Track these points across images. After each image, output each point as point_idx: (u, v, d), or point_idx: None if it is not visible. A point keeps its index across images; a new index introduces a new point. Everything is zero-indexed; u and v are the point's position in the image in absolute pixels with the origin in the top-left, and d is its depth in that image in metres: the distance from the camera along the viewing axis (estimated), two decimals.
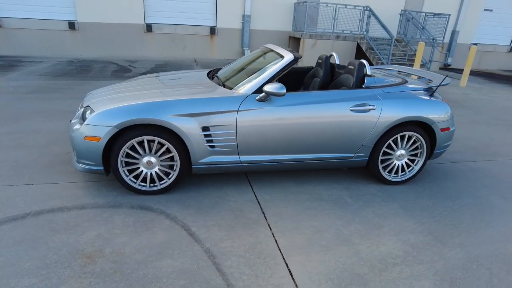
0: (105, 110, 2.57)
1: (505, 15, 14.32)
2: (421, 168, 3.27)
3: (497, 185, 3.45)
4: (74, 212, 2.51)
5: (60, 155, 3.45)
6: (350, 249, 2.32)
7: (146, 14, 10.70)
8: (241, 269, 2.06)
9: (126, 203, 2.68)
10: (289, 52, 3.03)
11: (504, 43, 14.84)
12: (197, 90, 2.86)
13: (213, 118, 2.66)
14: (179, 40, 11.24)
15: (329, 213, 2.74)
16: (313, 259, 2.19)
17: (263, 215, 2.64)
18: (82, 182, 2.96)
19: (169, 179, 2.80)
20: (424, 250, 2.36)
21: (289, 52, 3.01)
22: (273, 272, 2.05)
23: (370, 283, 2.02)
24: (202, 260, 2.11)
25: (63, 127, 4.25)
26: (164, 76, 3.55)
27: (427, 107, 3.05)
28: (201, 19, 11.37)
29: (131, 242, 2.22)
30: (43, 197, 2.68)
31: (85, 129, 2.56)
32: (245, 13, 11.52)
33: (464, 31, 13.93)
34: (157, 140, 2.64)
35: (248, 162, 2.86)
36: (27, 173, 3.05)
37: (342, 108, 2.86)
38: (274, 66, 2.88)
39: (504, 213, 2.93)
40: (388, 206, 2.91)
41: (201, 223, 2.49)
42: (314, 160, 2.99)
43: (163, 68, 8.96)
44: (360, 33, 11.65)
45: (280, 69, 2.84)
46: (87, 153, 2.60)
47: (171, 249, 2.18)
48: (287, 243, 2.33)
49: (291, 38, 12.47)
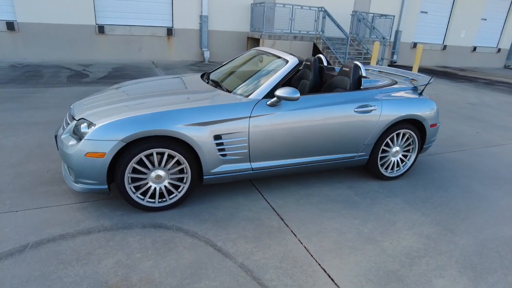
0: (109, 122, 2.33)
1: (438, 17, 15.83)
2: (413, 162, 3.47)
3: (473, 174, 3.79)
4: (81, 239, 2.24)
5: (39, 174, 3.06)
6: (376, 247, 2.38)
7: (97, 14, 9.95)
8: (283, 281, 2.00)
9: (136, 223, 2.46)
10: (291, 55, 3.02)
11: (438, 42, 16.40)
12: (203, 96, 2.72)
13: (225, 125, 2.55)
14: (134, 41, 10.64)
15: (344, 213, 2.78)
16: (346, 262, 2.21)
17: (283, 221, 2.60)
18: (77, 203, 2.66)
19: (179, 192, 2.63)
20: (439, 241, 2.51)
21: (291, 55, 3.00)
22: (315, 280, 2.03)
23: (405, 279, 2.10)
24: (240, 276, 2.01)
25: (32, 141, 3.78)
26: (155, 81, 3.32)
27: (418, 105, 3.24)
28: (157, 19, 10.89)
29: (158, 266, 2.05)
30: (37, 225, 2.36)
31: (86, 145, 2.30)
32: (202, 13, 11.28)
33: (406, 31, 15.12)
34: (167, 152, 2.46)
35: (260, 168, 2.80)
36: (6, 198, 2.66)
37: (347, 109, 2.93)
38: (280, 70, 2.85)
39: (488, 199, 3.23)
40: (393, 201, 3.04)
41: (224, 236, 2.37)
42: (321, 162, 3.02)
43: (122, 72, 8.42)
44: (316, 33, 12.06)
45: (287, 73, 2.81)
46: (89, 172, 2.34)
47: (203, 268, 2.05)
48: (317, 248, 2.32)
49: (249, 38, 12.49)
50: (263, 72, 2.99)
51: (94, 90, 6.39)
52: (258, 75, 2.97)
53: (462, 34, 16.60)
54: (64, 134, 2.54)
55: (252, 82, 2.90)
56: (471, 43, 17.15)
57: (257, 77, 2.95)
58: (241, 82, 2.99)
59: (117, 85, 3.51)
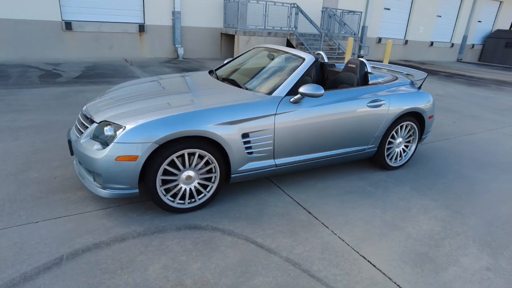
0: (140, 124, 2.26)
1: (399, 13, 16.71)
2: (413, 152, 3.70)
3: (462, 160, 4.13)
4: (117, 246, 2.17)
5: (46, 182, 2.88)
6: (401, 233, 2.55)
7: (62, 9, 9.35)
8: (331, 271, 2.09)
9: (169, 226, 2.42)
10: (304, 52, 3.09)
11: (400, 37, 17.33)
12: (227, 95, 2.71)
13: (252, 123, 2.57)
14: (104, 39, 10.15)
15: (363, 203, 2.92)
16: (380, 248, 2.34)
17: (311, 215, 2.69)
18: (99, 209, 2.55)
19: (208, 192, 2.62)
20: (453, 223, 2.73)
21: (305, 53, 3.07)
22: (359, 267, 2.14)
23: (436, 259, 2.27)
24: (289, 270, 2.07)
25: (25, 147, 3.53)
26: (165, 80, 3.24)
27: (419, 99, 3.47)
28: (128, 15, 10.46)
29: (207, 267, 2.04)
30: (64, 235, 2.24)
31: (116, 148, 2.22)
32: (175, 9, 11.01)
33: (371, 26, 15.80)
34: (198, 153, 2.43)
35: (283, 164, 2.85)
36: (18, 209, 2.49)
37: (361, 104, 3.07)
38: (298, 67, 2.91)
39: (480, 183, 3.54)
40: (402, 189, 3.24)
41: (261, 232, 2.41)
42: (337, 155, 3.14)
43: (97, 71, 8.02)
44: (289, 29, 12.24)
45: (305, 70, 2.88)
46: (119, 176, 2.26)
47: (252, 266, 2.08)
48: (350, 238, 2.43)
49: (223, 35, 12.40)
50: (279, 69, 3.04)
51: (73, 90, 6.05)
52: (275, 73, 3.01)
53: (421, 30, 17.67)
54: (84, 138, 2.42)
55: (271, 80, 2.93)
56: (429, 39, 18.31)
57: (275, 74, 2.99)
58: (259, 79, 3.01)
59: (125, 83, 3.38)
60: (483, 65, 19.00)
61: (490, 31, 21.32)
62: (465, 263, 2.26)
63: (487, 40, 20.91)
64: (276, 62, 3.20)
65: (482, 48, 21.32)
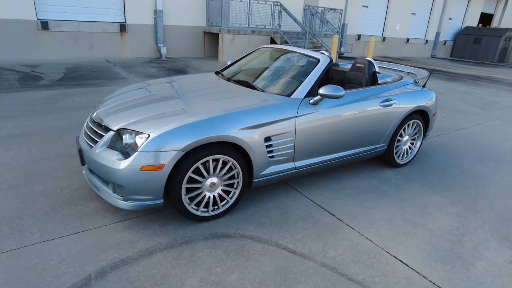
0: (165, 132, 2.15)
1: (377, 11, 17.10)
2: (418, 149, 3.79)
3: (461, 155, 4.27)
4: (146, 262, 2.07)
5: (52, 195, 2.71)
6: (424, 230, 2.59)
7: (37, 8, 8.85)
8: (367, 272, 2.09)
9: (196, 235, 2.33)
10: (317, 52, 3.07)
11: (378, 34, 17.75)
12: (245, 98, 2.65)
13: (274, 127, 2.53)
14: (84, 38, 9.72)
15: (380, 202, 2.95)
16: (408, 246, 2.37)
17: (334, 216, 2.68)
18: (117, 222, 2.42)
19: (231, 198, 2.55)
20: (469, 218, 2.81)
21: (319, 53, 3.05)
22: (393, 267, 2.15)
23: (462, 255, 2.33)
24: (327, 275, 2.05)
25: (21, 157, 3.30)
26: (175, 83, 3.13)
27: (424, 97, 3.54)
28: (108, 14, 10.07)
29: (246, 277, 1.99)
30: (87, 252, 2.11)
31: (141, 157, 2.11)
32: (157, 8, 10.71)
33: (351, 24, 16.08)
34: (222, 159, 2.36)
35: (302, 167, 2.83)
36: (30, 226, 2.32)
37: (375, 103, 3.09)
38: (314, 68, 2.89)
39: (483, 176, 3.68)
40: (413, 186, 3.30)
41: (290, 238, 2.37)
42: (352, 155, 3.15)
43: (79, 73, 7.66)
44: (273, 27, 12.22)
45: (322, 71, 2.87)
46: (144, 187, 2.15)
47: (290, 273, 2.04)
48: (378, 238, 2.44)
49: (206, 33, 12.21)
50: (293, 70, 3.01)
51: (59, 94, 5.74)
52: (289, 74, 2.98)
53: (397, 27, 18.17)
54: (100, 147, 2.28)
55: (287, 81, 2.89)
56: (405, 35, 18.87)
57: (290, 76, 2.95)
58: (274, 81, 2.96)
59: (131, 86, 3.25)
60: (456, 61, 19.83)
61: (460, 28, 22.27)
62: (489, 257, 2.33)
63: (457, 37, 21.83)
64: (288, 63, 3.16)
65: (453, 44, 22.24)
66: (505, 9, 24.27)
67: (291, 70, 3.02)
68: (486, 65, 18.25)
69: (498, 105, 7.63)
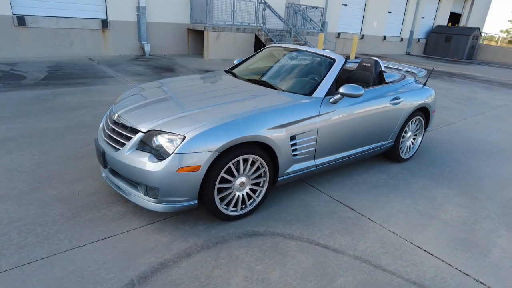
0: (201, 132, 2.15)
1: (356, 9, 17.52)
2: (419, 144, 3.97)
3: (455, 149, 4.51)
4: (186, 263, 2.07)
5: (69, 200, 2.63)
6: (438, 221, 2.75)
7: (12, 3, 8.38)
8: (398, 263, 2.20)
9: (228, 235, 2.35)
10: (330, 52, 3.16)
11: (357, 32, 18.20)
12: (269, 98, 2.68)
13: (299, 125, 2.59)
14: (63, 36, 9.31)
15: (393, 196, 3.09)
16: (428, 237, 2.51)
17: (355, 211, 2.78)
18: (147, 225, 2.39)
19: (257, 197, 2.58)
20: (475, 208, 3.00)
21: (332, 53, 3.14)
22: (420, 257, 2.28)
23: (478, 243, 2.49)
24: (363, 267, 2.14)
25: (25, 161, 3.17)
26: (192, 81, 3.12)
27: (426, 95, 3.72)
28: (89, 10, 9.69)
29: (287, 274, 2.04)
30: (123, 257, 2.08)
31: (178, 159, 2.10)
32: (140, 4, 10.44)
33: (331, 21, 16.38)
34: (251, 158, 2.39)
35: (322, 164, 2.91)
36: (55, 233, 2.25)
37: (386, 101, 3.22)
38: (331, 68, 2.97)
39: (478, 169, 3.92)
40: (420, 180, 3.47)
41: (319, 234, 2.45)
42: (365, 151, 3.27)
43: (63, 71, 7.36)
44: (257, 25, 12.24)
45: (339, 71, 2.95)
46: (180, 188, 2.15)
47: (328, 267, 2.12)
48: (400, 230, 2.57)
49: (190, 30, 12.04)
50: (309, 70, 3.07)
51: (48, 94, 5.50)
52: (306, 73, 3.04)
53: (375, 24, 18.71)
54: (129, 150, 2.25)
55: (305, 81, 2.96)
56: (382, 33, 19.47)
57: (307, 75, 3.02)
58: (292, 80, 3.01)
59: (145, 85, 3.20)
60: (429, 58, 20.70)
61: (432, 26, 23.24)
62: (502, 244, 2.51)
63: (430, 35, 22.78)
64: (303, 62, 3.22)
65: (426, 42, 23.18)
66: (471, 8, 25.57)
67: (308, 70, 3.08)
68: (457, 62, 19.19)
69: (476, 101, 8.08)
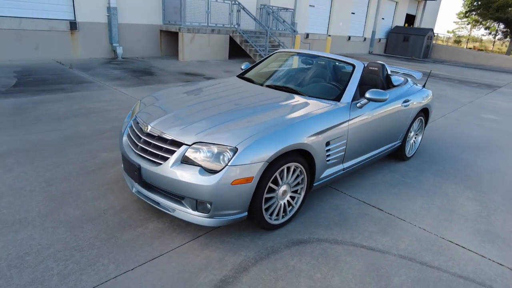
0: (252, 143, 2.13)
1: (323, 10, 18.03)
2: (420, 142, 4.21)
3: (448, 146, 4.84)
4: (246, 278, 2.04)
5: (97, 219, 2.47)
6: (458, 216, 2.94)
7: None
8: (439, 258, 2.33)
9: (276, 244, 2.35)
10: (350, 58, 3.26)
11: (324, 32, 18.74)
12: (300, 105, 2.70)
13: (333, 131, 2.64)
14: (28, 38, 8.63)
15: (410, 194, 3.25)
16: (455, 231, 2.68)
17: (384, 211, 2.89)
18: (190, 241, 2.32)
19: (296, 204, 2.60)
20: (484, 200, 3.25)
21: (347, 57, 3.24)
22: (456, 252, 2.43)
23: (499, 234, 2.71)
24: (410, 265, 2.24)
25: (32, 180, 2.91)
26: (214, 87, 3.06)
27: (426, 95, 3.96)
28: (55, 11, 9.06)
29: (346, 279, 2.08)
30: (180, 277, 2.00)
31: (232, 171, 2.06)
32: (110, 5, 9.95)
33: (300, 22, 16.71)
34: (293, 166, 2.40)
35: (348, 167, 2.99)
36: (98, 257, 2.11)
37: (399, 103, 3.39)
38: (353, 73, 3.06)
39: (474, 164, 4.24)
40: (428, 177, 3.69)
41: (360, 236, 2.52)
42: (381, 152, 3.42)
43: (35, 76, 6.82)
44: (232, 26, 12.19)
45: (360, 76, 3.04)
46: (234, 201, 2.11)
47: (381, 268, 2.19)
48: (429, 227, 2.71)
49: (162, 32, 11.70)
50: (330, 75, 3.15)
51: (27, 102, 5.08)
52: (329, 79, 3.11)
53: (341, 24, 19.38)
54: (174, 164, 2.16)
55: (329, 87, 3.02)
56: (347, 33, 20.22)
57: (330, 81, 3.08)
58: (315, 86, 3.06)
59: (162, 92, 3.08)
60: (390, 57, 21.86)
61: (391, 27, 24.54)
62: None
63: (389, 35, 24.05)
64: (320, 68, 3.28)
65: (386, 41, 24.44)
66: (424, 10, 27.37)
67: (329, 75, 3.15)
68: (415, 61, 20.46)
69: (446, 98, 8.69)
